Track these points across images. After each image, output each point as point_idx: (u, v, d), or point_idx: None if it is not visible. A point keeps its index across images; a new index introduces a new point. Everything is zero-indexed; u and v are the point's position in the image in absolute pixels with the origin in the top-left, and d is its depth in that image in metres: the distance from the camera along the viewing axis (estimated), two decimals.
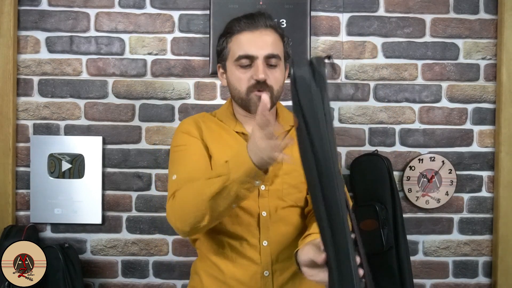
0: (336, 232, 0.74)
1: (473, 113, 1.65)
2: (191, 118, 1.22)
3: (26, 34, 1.62)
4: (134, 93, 1.63)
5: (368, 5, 1.64)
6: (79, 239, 1.62)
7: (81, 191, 1.60)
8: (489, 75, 1.65)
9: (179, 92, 1.63)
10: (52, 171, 1.60)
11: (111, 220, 1.63)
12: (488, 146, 1.65)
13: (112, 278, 1.63)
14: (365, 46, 1.64)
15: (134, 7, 1.62)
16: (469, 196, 1.65)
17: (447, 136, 1.65)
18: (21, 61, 1.62)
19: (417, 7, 1.64)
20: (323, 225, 0.75)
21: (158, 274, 1.63)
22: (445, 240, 1.65)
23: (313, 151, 0.73)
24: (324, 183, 0.74)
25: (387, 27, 1.64)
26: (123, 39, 1.62)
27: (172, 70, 1.63)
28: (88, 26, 1.62)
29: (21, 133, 1.62)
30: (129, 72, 1.62)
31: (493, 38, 1.64)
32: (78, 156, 1.60)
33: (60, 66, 1.62)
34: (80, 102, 1.63)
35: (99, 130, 1.63)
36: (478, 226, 1.65)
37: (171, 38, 1.63)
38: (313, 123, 0.75)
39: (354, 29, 1.64)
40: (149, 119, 1.63)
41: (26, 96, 1.62)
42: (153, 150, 1.63)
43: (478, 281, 1.65)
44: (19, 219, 1.62)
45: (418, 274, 1.64)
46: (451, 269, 1.65)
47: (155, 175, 1.63)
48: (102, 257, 1.63)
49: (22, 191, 1.62)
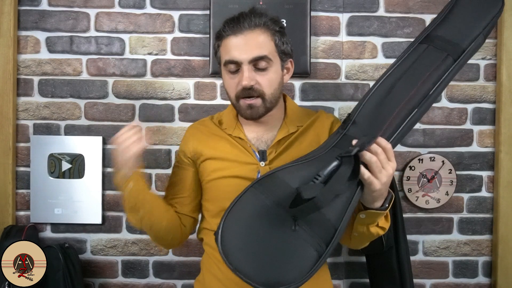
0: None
1: (473, 113, 1.65)
2: (190, 129, 1.27)
3: (26, 34, 1.62)
4: (134, 93, 1.63)
5: (368, 5, 1.64)
6: (79, 239, 1.62)
7: (81, 191, 1.60)
8: (489, 75, 1.65)
9: (179, 92, 1.63)
10: (52, 171, 1.60)
11: (111, 220, 1.63)
12: (488, 146, 1.65)
13: (112, 278, 1.63)
14: (365, 46, 1.64)
15: (134, 7, 1.62)
16: (469, 196, 1.65)
17: (447, 136, 1.65)
18: (21, 61, 1.62)
19: (417, 7, 1.64)
20: None
21: (158, 274, 1.63)
22: (445, 240, 1.65)
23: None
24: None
25: (387, 27, 1.64)
26: (123, 39, 1.62)
27: (172, 70, 1.63)
28: (88, 26, 1.62)
29: (21, 133, 1.62)
30: (129, 72, 1.63)
31: (493, 38, 1.64)
32: (78, 156, 1.60)
33: (60, 66, 1.62)
34: (80, 102, 1.63)
35: (99, 130, 1.63)
36: (478, 226, 1.65)
37: (171, 38, 1.63)
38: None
39: (354, 29, 1.64)
40: (149, 119, 1.63)
41: (26, 96, 1.62)
42: (153, 150, 1.63)
43: (478, 281, 1.65)
44: (19, 219, 1.62)
45: (418, 274, 1.64)
46: (451, 269, 1.65)
47: (155, 175, 1.63)
48: (102, 257, 1.63)
49: (22, 191, 1.62)
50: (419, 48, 0.99)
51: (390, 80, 0.98)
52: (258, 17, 1.08)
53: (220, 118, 1.24)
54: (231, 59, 1.07)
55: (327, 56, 1.64)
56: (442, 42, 0.95)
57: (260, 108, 1.10)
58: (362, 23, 1.64)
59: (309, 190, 0.86)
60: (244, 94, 1.08)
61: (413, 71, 0.95)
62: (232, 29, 1.08)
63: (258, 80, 1.07)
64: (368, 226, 1.01)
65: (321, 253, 0.87)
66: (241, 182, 1.10)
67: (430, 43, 0.97)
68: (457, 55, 0.94)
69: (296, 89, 1.64)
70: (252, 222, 0.91)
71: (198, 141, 1.20)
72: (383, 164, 0.90)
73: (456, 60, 0.94)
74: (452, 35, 0.95)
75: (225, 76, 1.12)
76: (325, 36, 1.64)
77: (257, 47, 1.06)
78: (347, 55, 1.64)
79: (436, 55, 0.95)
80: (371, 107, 0.96)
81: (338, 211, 0.90)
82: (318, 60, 1.63)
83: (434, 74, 0.93)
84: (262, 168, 1.11)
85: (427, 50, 0.97)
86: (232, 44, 1.07)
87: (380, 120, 0.93)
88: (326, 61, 1.64)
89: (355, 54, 1.64)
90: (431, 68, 0.94)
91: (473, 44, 0.95)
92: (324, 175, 0.89)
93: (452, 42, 0.94)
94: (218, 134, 1.19)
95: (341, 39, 1.64)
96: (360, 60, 1.64)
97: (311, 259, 0.87)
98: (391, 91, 0.95)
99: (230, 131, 1.18)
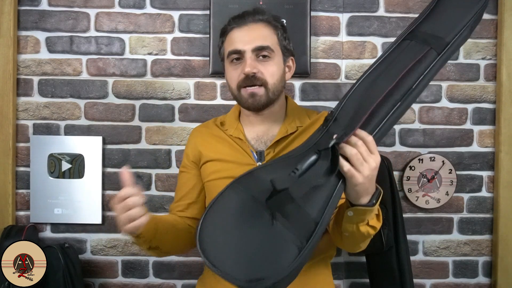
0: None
1: (473, 113, 1.65)
2: (191, 135, 1.28)
3: (26, 34, 1.62)
4: (134, 93, 1.63)
5: (368, 5, 1.64)
6: (79, 239, 1.62)
7: (81, 191, 1.60)
8: (489, 75, 1.65)
9: (179, 92, 1.63)
10: (52, 171, 1.60)
11: (111, 220, 1.63)
12: (488, 146, 1.65)
13: (112, 278, 1.63)
14: (365, 46, 1.64)
15: (134, 7, 1.62)
16: (469, 196, 1.65)
17: (447, 136, 1.65)
18: (21, 61, 1.62)
19: (417, 7, 1.64)
20: None
21: (158, 274, 1.63)
22: (445, 240, 1.65)
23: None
24: None
25: (387, 27, 1.64)
26: (123, 39, 1.62)
27: (172, 70, 1.63)
28: (88, 26, 1.62)
29: (21, 133, 1.62)
30: (129, 72, 1.63)
31: (493, 38, 1.64)
32: (78, 156, 1.60)
33: (60, 66, 1.62)
34: (80, 102, 1.63)
35: (99, 130, 1.63)
36: (478, 226, 1.65)
37: (171, 38, 1.63)
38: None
39: (354, 29, 1.64)
40: (149, 119, 1.63)
41: (26, 96, 1.62)
42: (153, 150, 1.63)
43: (478, 281, 1.65)
44: (19, 219, 1.62)
45: (418, 274, 1.64)
46: (451, 269, 1.65)
47: (155, 175, 1.63)
48: (102, 257, 1.63)
49: (22, 191, 1.62)
50: (402, 44, 0.98)
51: (371, 76, 0.97)
52: (261, 14, 1.13)
53: (222, 120, 1.25)
54: (234, 48, 1.10)
55: (327, 56, 1.64)
56: (425, 37, 0.95)
57: (263, 97, 1.10)
58: (362, 23, 1.64)
59: (282, 181, 0.84)
60: (246, 83, 1.09)
61: (394, 64, 0.94)
62: (236, 23, 1.12)
63: (261, 69, 1.09)
64: (357, 225, 0.97)
65: (301, 248, 0.85)
66: None
67: (413, 38, 0.97)
68: (440, 49, 0.94)
69: (296, 89, 1.63)
70: (231, 219, 0.90)
71: (199, 143, 1.22)
72: (364, 157, 0.87)
73: (440, 54, 0.94)
74: (435, 30, 0.95)
75: (227, 68, 1.14)
76: (325, 36, 1.64)
77: (260, 37, 1.10)
78: (347, 55, 1.64)
79: (419, 49, 0.94)
80: (352, 103, 0.95)
81: (319, 206, 0.88)
82: (318, 60, 1.63)
83: (417, 67, 0.92)
84: None
85: (410, 45, 0.96)
86: (236, 36, 1.11)
87: (360, 114, 0.91)
88: (326, 61, 1.64)
89: (355, 54, 1.64)
90: (413, 61, 0.93)
91: (458, 37, 0.95)
92: (302, 169, 0.87)
93: (435, 36, 0.94)
94: (219, 136, 1.20)
95: (341, 39, 1.64)
96: (360, 60, 1.64)
97: (290, 254, 0.84)
98: (372, 86, 0.94)
99: (230, 132, 1.18)
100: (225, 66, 1.16)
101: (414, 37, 0.97)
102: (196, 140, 1.24)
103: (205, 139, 1.22)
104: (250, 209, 0.90)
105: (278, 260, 0.84)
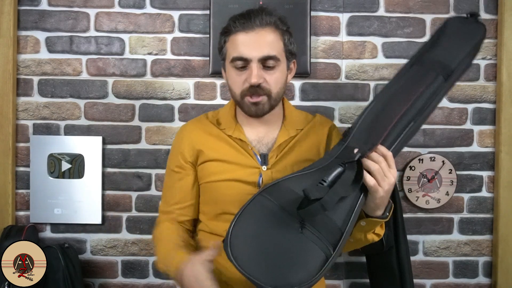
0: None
1: (473, 113, 1.65)
2: (186, 131, 1.22)
3: (26, 34, 1.62)
4: (134, 93, 1.63)
5: (368, 5, 1.63)
6: (79, 239, 1.62)
7: (81, 191, 1.60)
8: (489, 75, 1.65)
9: (179, 92, 1.63)
10: (52, 171, 1.60)
11: (111, 220, 1.63)
12: (488, 146, 1.65)
13: (112, 278, 1.63)
14: (365, 46, 1.64)
15: (134, 7, 1.62)
16: (469, 196, 1.65)
17: (447, 136, 1.65)
18: (21, 61, 1.62)
19: (417, 7, 1.64)
20: None
21: (158, 274, 1.63)
22: (445, 240, 1.65)
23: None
24: None
25: (387, 27, 1.64)
26: (123, 39, 1.62)
27: (172, 70, 1.63)
28: (88, 26, 1.62)
29: (21, 133, 1.62)
30: (129, 72, 1.62)
31: (493, 38, 1.64)
32: (78, 156, 1.60)
33: (60, 66, 1.62)
34: (80, 102, 1.62)
35: (99, 130, 1.63)
36: (478, 226, 1.65)
37: (171, 38, 1.63)
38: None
39: (354, 29, 1.64)
40: (149, 119, 1.63)
41: (26, 96, 1.62)
42: (153, 150, 1.63)
43: (478, 281, 1.65)
44: (19, 219, 1.62)
45: (418, 274, 1.64)
46: (451, 269, 1.65)
47: (155, 175, 1.63)
48: (102, 257, 1.63)
49: (22, 191, 1.62)
50: (411, 69, 1.07)
51: (385, 97, 1.05)
52: (268, 15, 1.08)
53: (217, 118, 1.21)
54: (240, 55, 1.06)
55: (327, 56, 1.64)
56: (433, 63, 1.04)
57: (266, 105, 1.09)
58: (362, 23, 1.64)
59: (316, 191, 0.89)
60: (251, 92, 1.07)
61: (406, 88, 1.03)
62: (242, 25, 1.06)
63: (266, 78, 1.07)
64: (365, 233, 1.04)
65: (329, 255, 0.90)
66: (242, 185, 1.10)
67: (421, 64, 1.06)
68: (446, 75, 1.02)
69: (296, 89, 1.63)
70: (260, 227, 0.94)
71: (196, 141, 1.18)
72: (385, 172, 0.93)
73: (446, 79, 1.03)
74: (441, 57, 1.05)
75: (231, 72, 1.10)
76: (325, 36, 1.64)
77: (268, 46, 1.06)
78: (347, 55, 1.64)
79: (428, 75, 1.03)
80: (369, 120, 1.02)
81: (343, 216, 0.93)
82: (318, 60, 1.63)
83: (427, 91, 1.01)
84: (264, 172, 1.11)
85: (420, 70, 1.05)
86: (242, 41, 1.06)
87: (379, 131, 0.99)
88: (326, 61, 1.64)
89: (355, 54, 1.64)
90: (423, 85, 1.02)
91: (461, 65, 1.05)
92: (329, 180, 0.93)
93: (441, 63, 1.03)
94: (217, 135, 1.17)
95: (341, 39, 1.64)
96: (360, 60, 1.64)
97: (318, 261, 0.89)
98: (387, 105, 1.02)
99: (229, 132, 1.16)
100: (227, 67, 1.12)
101: (422, 63, 1.06)
102: (191, 137, 1.19)
103: (202, 136, 1.18)
104: (279, 218, 0.94)
105: (307, 266, 0.88)
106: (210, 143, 1.16)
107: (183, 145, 1.19)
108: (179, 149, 1.20)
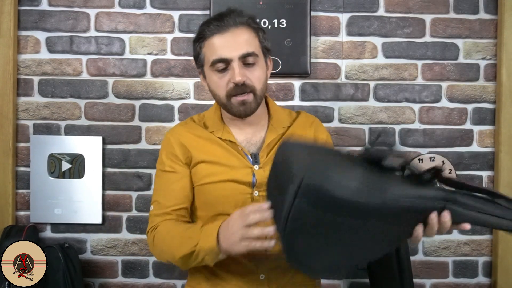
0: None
1: (473, 113, 1.65)
2: (175, 133, 1.19)
3: (26, 34, 1.62)
4: (134, 93, 1.63)
5: (368, 5, 1.64)
6: (79, 239, 1.62)
7: (81, 191, 1.60)
8: (489, 75, 1.65)
9: (179, 92, 1.63)
10: (52, 171, 1.60)
11: (111, 220, 1.63)
12: (488, 146, 1.65)
13: (112, 278, 1.63)
14: (365, 46, 1.64)
15: (134, 7, 1.62)
16: None
17: (447, 136, 1.65)
18: (21, 61, 1.62)
19: (417, 7, 1.64)
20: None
21: (158, 274, 1.63)
22: (445, 240, 1.65)
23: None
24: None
25: (387, 27, 1.64)
26: (123, 39, 1.62)
27: (172, 70, 1.63)
28: (88, 26, 1.62)
29: (21, 133, 1.62)
30: (129, 72, 1.63)
31: (493, 38, 1.64)
32: (78, 156, 1.60)
33: (60, 66, 1.62)
34: (80, 102, 1.63)
35: (99, 130, 1.63)
36: (478, 226, 1.65)
37: (171, 38, 1.63)
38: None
39: (354, 29, 1.64)
40: (149, 119, 1.63)
41: (26, 96, 1.62)
42: (153, 150, 1.63)
43: (478, 281, 1.65)
44: (19, 219, 1.62)
45: (418, 274, 1.64)
46: (451, 269, 1.65)
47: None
48: (102, 257, 1.63)
49: (22, 191, 1.62)
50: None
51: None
52: (239, 16, 1.09)
53: (203, 120, 1.20)
54: (220, 57, 1.06)
55: (327, 56, 1.64)
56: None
57: (253, 103, 1.09)
58: (362, 23, 1.64)
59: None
60: (236, 91, 1.07)
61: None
62: (217, 28, 1.06)
63: (248, 76, 1.07)
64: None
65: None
66: (237, 186, 1.09)
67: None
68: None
69: (296, 89, 1.64)
70: (314, 226, 0.86)
71: (187, 143, 1.15)
72: (434, 232, 0.90)
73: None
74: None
75: (212, 77, 1.10)
76: (325, 36, 1.64)
77: (245, 44, 1.06)
78: (347, 55, 1.64)
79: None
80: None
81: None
82: (318, 60, 1.63)
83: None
84: (257, 171, 1.10)
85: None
86: (219, 43, 1.06)
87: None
88: (326, 61, 1.64)
89: (355, 54, 1.64)
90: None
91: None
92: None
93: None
94: (207, 137, 1.16)
95: (341, 39, 1.64)
96: (360, 60, 1.64)
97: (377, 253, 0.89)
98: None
99: (218, 134, 1.15)
100: (207, 73, 1.11)
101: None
102: (181, 139, 1.16)
103: (192, 139, 1.16)
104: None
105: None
106: (201, 145, 1.15)
107: (174, 146, 1.17)
108: (170, 150, 1.17)
